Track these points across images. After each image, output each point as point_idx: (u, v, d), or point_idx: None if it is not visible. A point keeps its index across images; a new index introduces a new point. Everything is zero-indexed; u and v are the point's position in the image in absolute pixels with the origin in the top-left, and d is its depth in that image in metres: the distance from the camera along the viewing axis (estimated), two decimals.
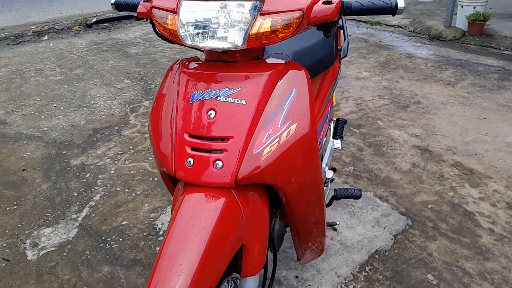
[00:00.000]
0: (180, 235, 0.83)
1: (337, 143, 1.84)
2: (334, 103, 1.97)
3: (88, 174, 2.42)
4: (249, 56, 0.97)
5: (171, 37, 0.95)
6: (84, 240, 1.91)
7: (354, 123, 2.94)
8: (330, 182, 1.86)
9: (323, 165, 1.67)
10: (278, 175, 0.92)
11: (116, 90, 3.62)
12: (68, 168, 2.49)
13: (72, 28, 5.66)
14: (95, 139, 2.81)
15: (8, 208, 2.16)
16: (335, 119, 1.93)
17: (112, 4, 1.17)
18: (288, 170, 0.94)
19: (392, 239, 1.85)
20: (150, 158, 2.55)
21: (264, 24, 0.87)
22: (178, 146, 0.92)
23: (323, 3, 0.93)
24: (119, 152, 2.64)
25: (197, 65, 0.98)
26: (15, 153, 2.68)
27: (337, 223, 1.88)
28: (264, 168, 0.89)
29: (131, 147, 2.69)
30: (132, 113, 3.18)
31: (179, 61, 1.04)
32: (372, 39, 4.95)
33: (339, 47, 1.75)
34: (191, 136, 0.92)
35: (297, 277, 1.66)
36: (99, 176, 2.39)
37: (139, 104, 3.34)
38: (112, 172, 2.43)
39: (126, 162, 2.52)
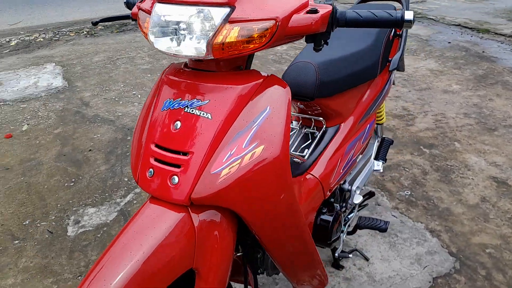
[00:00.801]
0: (120, 245, 0.80)
1: (378, 165, 1.66)
2: (384, 120, 1.78)
3: None
4: (228, 66, 0.89)
5: (148, 40, 0.91)
6: (119, 225, 2.00)
7: (426, 142, 2.64)
8: (359, 208, 1.68)
9: (353, 187, 1.51)
10: (237, 200, 0.84)
11: None
12: (127, 154, 2.64)
13: None
14: None
15: (66, 184, 2.35)
16: (380, 138, 1.73)
17: (124, 2, 1.17)
18: (250, 197, 0.85)
19: (429, 282, 1.62)
20: None
21: (231, 33, 0.79)
22: (143, 155, 0.88)
23: (307, 12, 0.81)
24: None
25: (180, 72, 0.93)
26: (87, 134, 2.92)
27: (369, 258, 1.70)
28: (220, 190, 0.81)
29: None
30: None
31: (170, 65, 1.00)
32: (475, 48, 4.41)
33: (390, 58, 1.57)
34: (156, 145, 0.87)
35: None
36: None
37: None
38: None
39: None
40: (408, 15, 0.84)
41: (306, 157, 1.34)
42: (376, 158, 1.69)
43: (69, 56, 4.60)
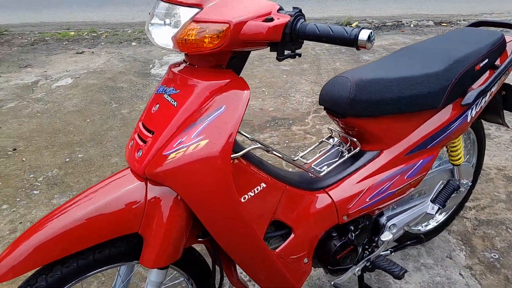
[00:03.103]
0: (84, 195, 0.98)
1: (433, 209, 1.47)
2: (461, 161, 1.54)
3: None
4: (208, 64, 0.96)
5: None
6: None
7: None
8: (393, 248, 1.51)
9: (389, 223, 1.39)
10: (178, 183, 0.91)
11: (318, 90, 3.79)
12: None
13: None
14: (267, 125, 3.09)
15: None
16: (444, 180, 1.51)
17: None
18: (189, 183, 0.91)
19: None
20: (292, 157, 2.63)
21: (192, 31, 0.86)
22: (134, 129, 1.03)
23: (264, 20, 0.82)
24: (274, 142, 2.84)
25: (178, 64, 1.04)
26: None
27: None
28: (165, 170, 0.90)
29: (286, 141, 2.84)
30: (313, 113, 3.29)
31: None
32: None
33: (469, 91, 1.37)
34: (143, 124, 1.01)
35: None
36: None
37: None
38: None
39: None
40: (363, 34, 0.76)
41: (322, 174, 1.29)
42: (433, 201, 1.48)
43: None
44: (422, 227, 1.83)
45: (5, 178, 2.50)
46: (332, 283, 1.36)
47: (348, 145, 1.38)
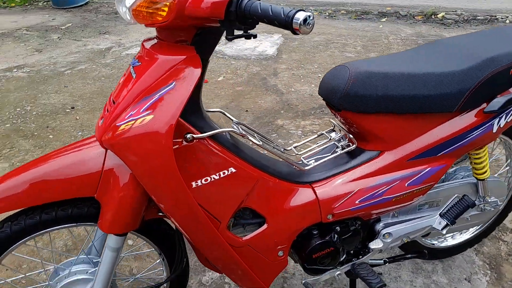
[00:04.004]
0: (52, 154, 1.03)
1: (440, 224, 1.32)
2: (486, 176, 1.36)
3: (275, 134, 2.69)
4: (173, 39, 0.94)
5: None
6: None
7: None
8: (389, 260, 1.39)
9: (384, 231, 1.28)
10: (125, 155, 0.91)
11: None
12: (269, 125, 2.84)
13: (415, 17, 5.66)
14: (312, 113, 3.00)
15: None
16: (460, 195, 1.34)
17: None
18: (135, 157, 0.90)
19: None
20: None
21: (144, 3, 0.85)
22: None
23: None
24: (313, 130, 2.74)
25: (150, 38, 1.03)
26: (256, 98, 3.25)
27: None
28: (114, 141, 0.91)
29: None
30: None
31: None
32: None
33: (497, 97, 1.19)
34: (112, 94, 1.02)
35: None
36: (279, 139, 2.61)
37: None
38: (288, 142, 2.59)
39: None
40: (299, 15, 0.68)
41: (308, 167, 1.21)
42: (442, 215, 1.32)
43: None
44: (437, 242, 1.65)
45: (58, 133, 2.73)
46: (303, 281, 1.29)
47: (346, 141, 1.28)
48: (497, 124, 1.24)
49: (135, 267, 1.69)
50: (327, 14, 5.88)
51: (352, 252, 1.36)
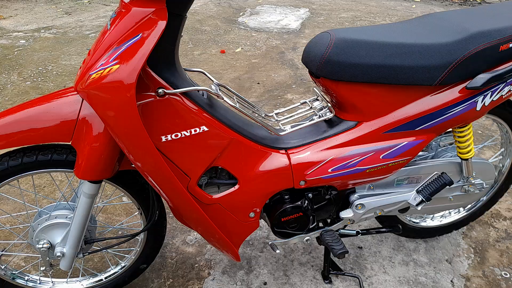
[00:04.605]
0: (36, 100, 1.10)
1: (415, 200, 1.32)
2: (470, 155, 1.34)
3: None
4: None
5: None
6: None
7: None
8: (354, 232, 1.40)
9: (357, 201, 1.30)
10: (94, 103, 0.95)
11: None
12: (278, 98, 2.84)
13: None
14: None
15: None
16: (438, 172, 1.32)
17: None
18: (102, 106, 0.94)
19: None
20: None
21: None
22: None
23: None
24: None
25: None
26: (270, 71, 3.24)
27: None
28: (85, 89, 0.95)
29: None
30: None
31: None
32: None
33: (482, 73, 1.16)
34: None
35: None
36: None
37: None
38: None
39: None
40: None
41: (283, 133, 1.22)
42: (418, 191, 1.31)
43: (326, 6, 4.93)
44: (419, 220, 1.64)
45: None
46: (270, 243, 1.32)
47: (325, 110, 1.28)
48: (482, 102, 1.20)
49: (115, 219, 1.77)
50: None
51: (328, 220, 1.38)
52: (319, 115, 1.27)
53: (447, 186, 1.29)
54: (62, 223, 1.22)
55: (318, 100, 1.35)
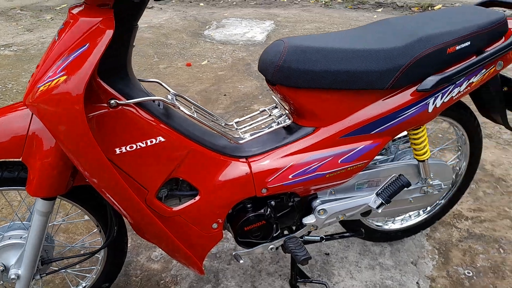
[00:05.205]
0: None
1: (375, 203, 1.33)
2: (426, 157, 1.37)
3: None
4: (94, 2, 0.94)
5: None
6: None
7: None
8: (318, 238, 1.41)
9: (319, 207, 1.30)
10: (42, 117, 0.92)
11: None
12: (245, 109, 2.84)
13: (412, 8, 5.61)
14: None
15: None
16: (396, 174, 1.35)
17: None
18: (51, 119, 0.91)
19: None
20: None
21: None
22: None
23: None
24: None
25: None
26: (235, 82, 3.25)
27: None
28: (33, 102, 0.92)
29: None
30: None
31: None
32: None
33: (431, 76, 1.19)
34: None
35: None
36: None
37: None
38: None
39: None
40: None
41: (243, 141, 1.22)
42: (378, 194, 1.33)
43: (290, 18, 5.02)
44: (382, 224, 1.67)
45: None
46: (234, 253, 1.31)
47: (284, 117, 1.29)
48: (433, 103, 1.24)
49: (73, 237, 1.72)
50: (323, 2, 5.84)
51: (293, 228, 1.38)
52: (278, 122, 1.27)
53: (406, 188, 1.32)
54: (16, 244, 1.17)
55: (277, 107, 1.36)
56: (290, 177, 1.21)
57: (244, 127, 1.32)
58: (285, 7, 5.57)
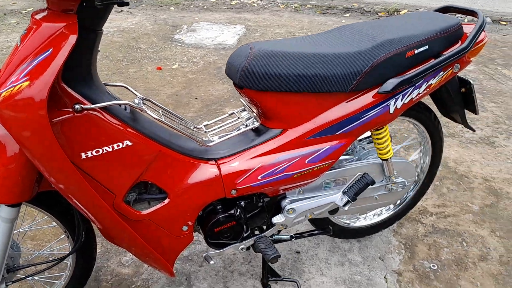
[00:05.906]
0: None
1: (342, 200, 1.37)
2: (389, 155, 1.42)
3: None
4: (58, 7, 0.94)
5: None
6: None
7: None
8: (288, 237, 1.44)
9: (288, 206, 1.33)
10: (5, 122, 0.91)
11: None
12: (216, 112, 2.86)
13: (378, 13, 5.76)
14: None
15: None
16: (361, 173, 1.39)
17: None
18: (13, 124, 0.90)
19: None
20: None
21: None
22: None
23: None
24: None
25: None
26: (206, 85, 3.26)
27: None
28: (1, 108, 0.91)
29: None
30: None
31: None
32: None
33: (392, 79, 1.24)
34: None
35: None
36: None
37: None
38: None
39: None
40: None
41: (212, 144, 1.24)
42: (344, 192, 1.37)
43: (261, 23, 5.06)
44: (350, 221, 1.72)
45: None
46: (204, 254, 1.32)
47: (252, 119, 1.31)
48: (394, 105, 1.29)
49: (41, 243, 1.69)
50: (293, 7, 5.92)
51: (264, 227, 1.41)
52: (246, 125, 1.30)
53: (370, 186, 1.36)
54: None
55: (245, 110, 1.38)
56: (259, 178, 1.24)
57: (213, 129, 1.33)
58: (255, 12, 5.62)
